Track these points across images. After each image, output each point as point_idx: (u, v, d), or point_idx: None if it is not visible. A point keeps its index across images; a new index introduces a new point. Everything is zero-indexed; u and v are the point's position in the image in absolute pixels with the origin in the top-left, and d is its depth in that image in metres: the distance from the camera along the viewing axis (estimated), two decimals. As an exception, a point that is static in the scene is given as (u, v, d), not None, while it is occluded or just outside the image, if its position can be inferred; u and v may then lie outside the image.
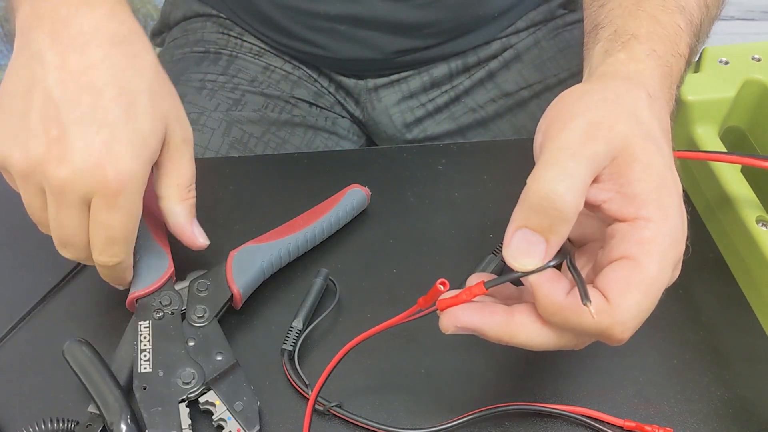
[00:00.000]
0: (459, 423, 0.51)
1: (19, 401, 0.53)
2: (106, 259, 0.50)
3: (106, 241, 0.49)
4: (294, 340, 0.54)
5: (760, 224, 0.54)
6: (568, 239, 0.44)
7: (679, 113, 0.59)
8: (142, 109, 0.49)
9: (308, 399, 0.51)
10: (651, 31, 0.49)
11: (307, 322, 0.55)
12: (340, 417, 0.51)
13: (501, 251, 0.42)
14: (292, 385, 0.53)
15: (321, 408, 0.51)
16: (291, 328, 0.55)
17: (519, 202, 0.40)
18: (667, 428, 0.52)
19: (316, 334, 0.56)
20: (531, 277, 0.40)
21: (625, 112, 0.42)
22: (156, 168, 0.52)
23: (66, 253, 0.52)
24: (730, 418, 0.53)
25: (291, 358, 0.53)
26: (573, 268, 0.40)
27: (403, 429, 0.51)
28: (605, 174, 0.40)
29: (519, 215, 0.40)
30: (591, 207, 0.41)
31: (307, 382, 0.52)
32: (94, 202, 0.48)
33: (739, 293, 0.57)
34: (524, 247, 0.40)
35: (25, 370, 0.55)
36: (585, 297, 0.38)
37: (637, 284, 0.39)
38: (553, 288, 0.40)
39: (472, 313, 0.42)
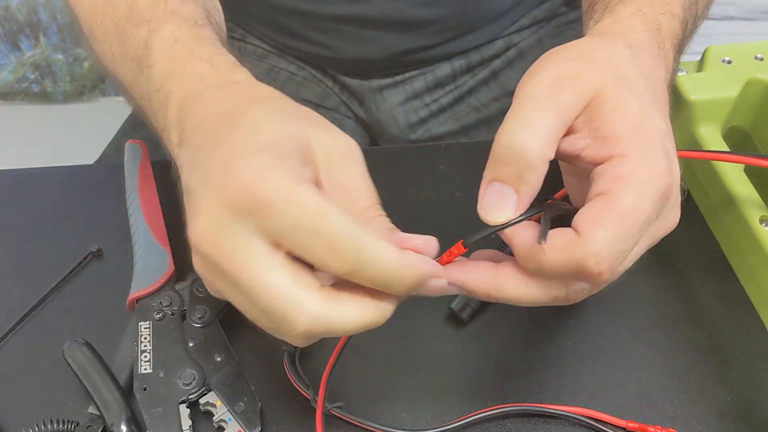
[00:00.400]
0: (461, 424, 0.51)
1: (19, 402, 0.53)
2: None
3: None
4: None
5: (764, 224, 0.54)
6: (571, 203, 0.44)
7: (682, 113, 0.59)
8: (266, 124, 0.40)
9: (309, 399, 0.51)
10: None
11: None
12: (341, 418, 0.51)
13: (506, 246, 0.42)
14: (294, 386, 0.53)
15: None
16: None
17: (489, 157, 0.40)
18: (670, 429, 0.51)
19: (317, 334, 0.56)
20: (507, 230, 0.40)
21: (597, 61, 0.41)
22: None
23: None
24: (733, 418, 0.53)
25: (292, 360, 0.53)
26: (544, 217, 0.40)
27: (405, 430, 0.50)
28: (579, 123, 0.40)
29: (488, 170, 0.40)
30: (572, 159, 0.41)
31: (308, 383, 0.52)
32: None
33: (743, 293, 0.57)
34: (495, 200, 0.39)
35: (24, 370, 0.55)
36: (541, 236, 0.38)
37: (610, 215, 0.38)
38: (525, 235, 0.39)
39: (458, 270, 0.42)
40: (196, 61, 0.45)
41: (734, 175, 0.57)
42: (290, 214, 0.35)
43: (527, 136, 0.38)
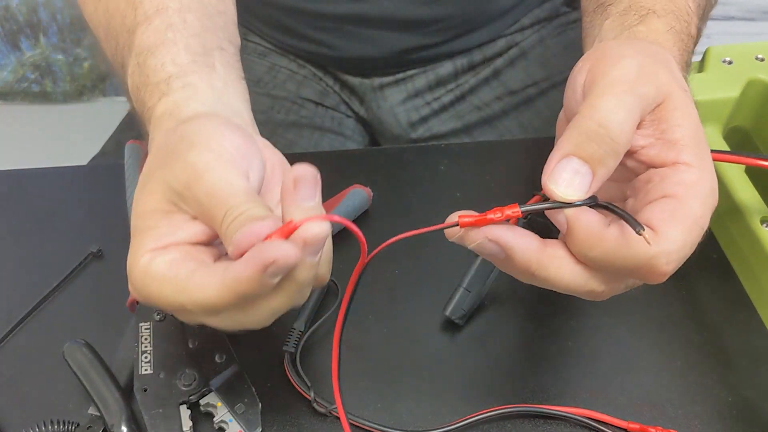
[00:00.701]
0: (461, 425, 0.51)
1: (19, 403, 0.53)
2: None
3: None
4: (296, 342, 0.54)
5: (765, 225, 0.54)
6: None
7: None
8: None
9: (310, 400, 0.51)
10: (666, 9, 0.48)
11: (309, 323, 0.55)
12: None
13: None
14: (294, 387, 0.53)
15: (322, 410, 0.51)
16: (292, 330, 0.54)
17: (568, 129, 0.39)
18: (671, 430, 0.51)
19: (318, 335, 0.56)
20: (569, 210, 0.39)
21: (664, 64, 0.41)
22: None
23: None
24: (734, 419, 0.53)
25: (293, 360, 0.53)
26: (611, 204, 0.39)
27: (406, 431, 0.50)
28: (647, 120, 0.40)
29: (568, 143, 0.38)
30: (629, 154, 0.40)
31: (309, 384, 0.52)
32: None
33: (744, 294, 0.57)
34: (570, 177, 0.38)
35: (25, 371, 0.55)
36: (638, 225, 0.36)
37: (683, 218, 0.38)
38: (592, 220, 0.38)
39: (508, 233, 0.39)
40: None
41: (735, 176, 0.56)
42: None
43: (623, 118, 0.38)
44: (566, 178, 0.38)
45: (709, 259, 0.61)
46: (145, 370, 0.51)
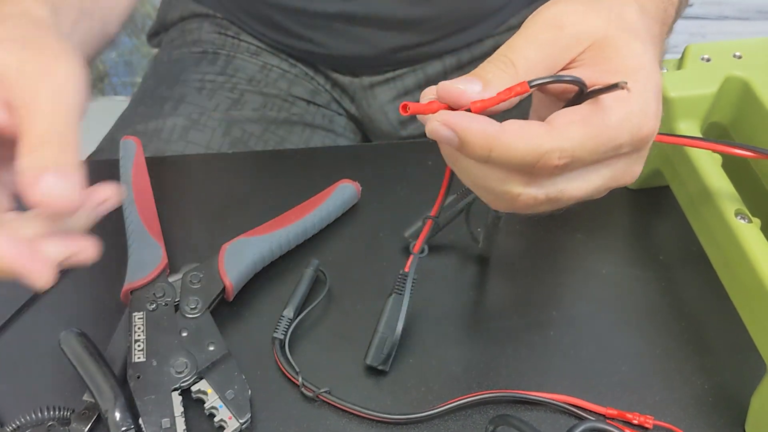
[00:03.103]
0: (443, 410, 0.52)
1: (16, 391, 0.55)
2: None
3: None
4: (285, 329, 0.55)
5: (739, 217, 0.55)
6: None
7: (662, 109, 0.60)
8: None
9: (299, 385, 0.53)
10: None
11: (298, 311, 0.57)
12: (328, 403, 0.53)
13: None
14: (283, 373, 0.54)
15: (310, 394, 0.53)
16: (282, 317, 0.56)
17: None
18: (648, 416, 0.53)
19: (307, 323, 0.58)
20: (461, 121, 0.38)
21: (606, 9, 0.43)
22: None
23: None
24: (710, 405, 0.54)
25: (282, 346, 0.55)
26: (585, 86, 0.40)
27: (390, 415, 0.52)
28: (587, 59, 0.42)
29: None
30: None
31: (298, 370, 0.54)
32: None
33: (720, 285, 0.58)
34: (461, 81, 0.40)
35: (21, 360, 0.56)
36: (615, 85, 0.38)
37: (590, 123, 0.39)
38: (484, 122, 0.38)
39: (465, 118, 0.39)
40: None
41: (711, 169, 0.58)
42: None
43: (528, 50, 0.40)
44: (457, 81, 0.39)
45: (689, 251, 0.63)
46: (138, 358, 0.52)
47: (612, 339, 0.58)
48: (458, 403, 0.53)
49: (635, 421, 0.53)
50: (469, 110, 0.39)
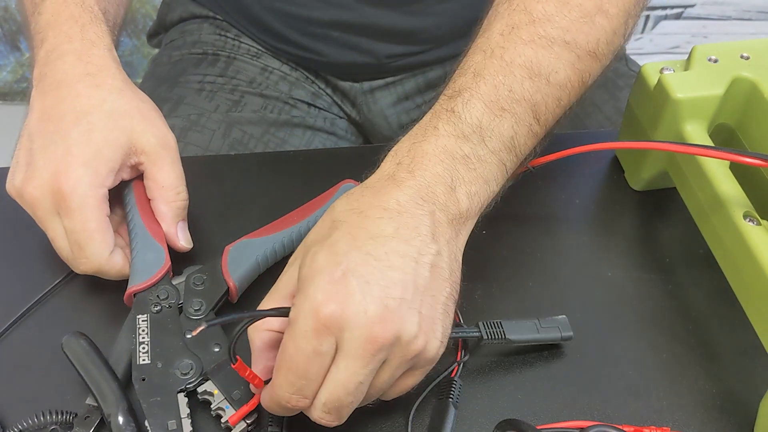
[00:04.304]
0: None
1: (18, 395, 0.54)
2: (83, 265, 0.55)
3: (75, 246, 0.54)
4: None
5: (747, 219, 0.55)
6: None
7: (668, 110, 0.60)
8: (98, 126, 0.56)
9: None
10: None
11: None
12: None
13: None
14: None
15: None
16: None
17: None
18: (665, 428, 0.52)
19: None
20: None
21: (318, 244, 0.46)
22: (144, 175, 0.59)
23: (73, 268, 0.57)
24: (719, 410, 0.54)
25: None
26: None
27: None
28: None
29: None
30: None
31: None
32: (59, 211, 0.55)
33: (728, 289, 0.58)
34: None
35: (24, 364, 0.56)
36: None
37: (281, 361, 0.45)
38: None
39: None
40: (72, 23, 0.59)
41: (720, 173, 0.58)
42: (72, 209, 0.53)
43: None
44: None
45: (695, 255, 0.63)
46: (143, 360, 0.52)
47: (618, 343, 0.58)
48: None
49: None
50: None
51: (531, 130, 0.53)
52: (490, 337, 0.54)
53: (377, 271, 0.44)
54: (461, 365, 0.55)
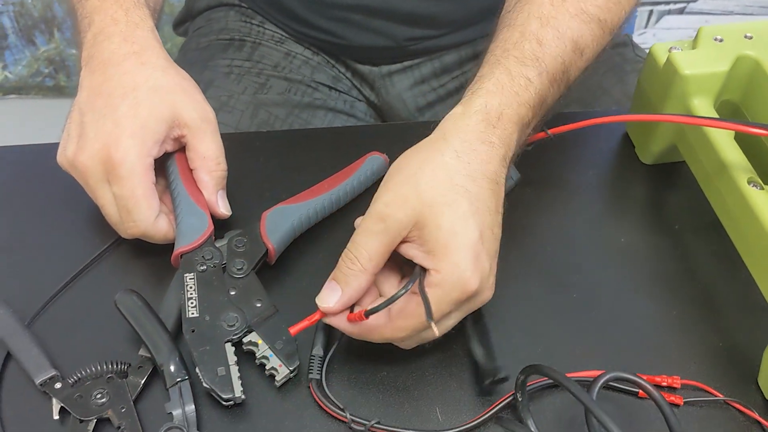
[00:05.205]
0: (490, 414, 0.54)
1: (75, 348, 0.58)
2: (131, 229, 0.59)
3: (123, 211, 0.58)
4: (318, 368, 0.56)
5: (751, 185, 0.59)
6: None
7: (677, 86, 0.64)
8: (144, 101, 0.60)
9: (347, 422, 0.54)
10: (496, 85, 0.57)
11: (326, 347, 0.57)
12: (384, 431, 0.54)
13: None
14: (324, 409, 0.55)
15: (361, 428, 0.54)
16: (312, 357, 0.57)
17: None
18: (675, 377, 0.57)
19: (337, 357, 0.58)
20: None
21: (421, 187, 0.52)
22: (186, 146, 0.63)
23: (120, 233, 0.61)
24: (726, 360, 0.58)
25: (320, 386, 0.55)
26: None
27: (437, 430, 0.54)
28: (413, 236, 0.52)
29: (334, 270, 0.54)
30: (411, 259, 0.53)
31: (342, 406, 0.54)
32: (109, 179, 0.59)
33: (733, 251, 0.62)
34: (326, 294, 0.54)
35: (79, 321, 0.60)
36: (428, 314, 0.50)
37: (416, 315, 0.51)
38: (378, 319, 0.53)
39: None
40: (117, 7, 0.64)
41: (725, 143, 0.61)
42: (121, 176, 0.58)
43: (370, 247, 0.52)
44: (324, 295, 0.54)
45: (702, 222, 0.67)
46: (192, 314, 0.56)
47: (630, 301, 0.62)
48: (504, 402, 0.55)
49: (664, 384, 0.57)
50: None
51: (561, 95, 0.62)
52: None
53: (492, 244, 0.53)
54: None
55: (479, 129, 0.55)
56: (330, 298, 0.53)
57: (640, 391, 0.55)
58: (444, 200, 0.51)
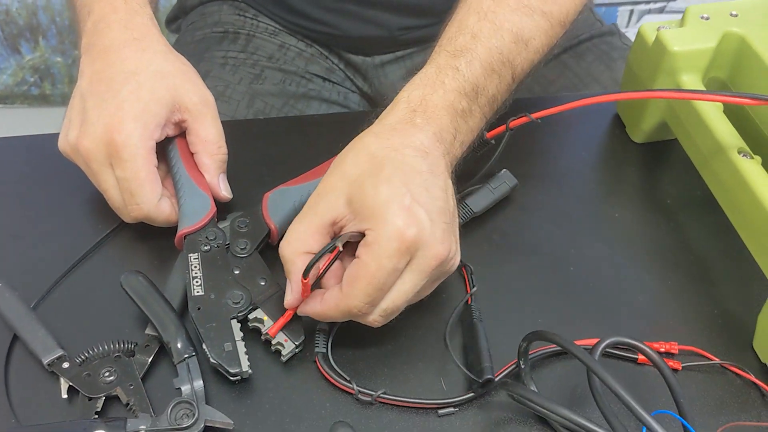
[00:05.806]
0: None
1: (81, 328, 0.58)
2: (134, 212, 0.60)
3: (126, 193, 0.59)
4: (324, 341, 0.57)
5: (741, 155, 0.60)
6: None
7: (666, 62, 0.66)
8: (145, 85, 0.61)
9: (354, 393, 0.55)
10: (422, 78, 0.59)
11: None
12: (387, 403, 0.55)
13: None
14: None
15: (368, 399, 0.54)
16: (318, 331, 0.58)
17: None
18: (672, 342, 0.58)
19: (345, 330, 0.59)
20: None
21: (348, 163, 0.55)
22: (187, 131, 0.64)
23: (123, 217, 0.62)
24: (720, 327, 0.60)
25: (326, 359, 0.57)
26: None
27: (442, 399, 0.55)
28: (349, 215, 0.53)
29: None
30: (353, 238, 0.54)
31: (349, 378, 0.55)
32: (111, 162, 0.59)
33: (726, 223, 0.63)
34: (286, 292, 0.55)
35: (85, 302, 0.61)
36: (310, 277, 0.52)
37: (360, 276, 0.51)
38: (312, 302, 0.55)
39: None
40: None
41: (715, 116, 0.63)
42: (124, 159, 0.58)
43: (284, 247, 0.54)
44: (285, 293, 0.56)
45: (693, 196, 0.68)
46: (197, 292, 0.56)
47: (627, 274, 0.63)
48: (508, 370, 0.56)
49: (662, 349, 0.58)
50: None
51: (509, 88, 0.63)
52: (463, 219, 0.64)
53: (430, 201, 0.52)
54: (473, 296, 0.60)
55: (399, 115, 0.57)
56: (287, 292, 0.55)
57: (640, 357, 0.57)
58: (367, 172, 0.53)
